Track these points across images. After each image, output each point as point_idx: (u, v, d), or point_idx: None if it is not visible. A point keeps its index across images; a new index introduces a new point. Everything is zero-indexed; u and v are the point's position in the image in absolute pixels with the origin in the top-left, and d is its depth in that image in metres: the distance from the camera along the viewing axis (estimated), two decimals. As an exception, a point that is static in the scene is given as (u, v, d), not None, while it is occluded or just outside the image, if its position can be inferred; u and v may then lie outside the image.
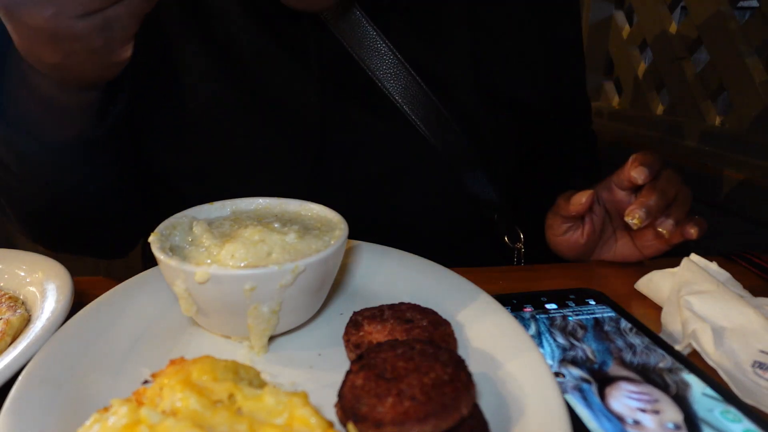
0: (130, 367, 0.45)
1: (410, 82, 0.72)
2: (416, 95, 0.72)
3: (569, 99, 0.90)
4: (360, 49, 0.70)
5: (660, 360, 0.49)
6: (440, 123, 0.74)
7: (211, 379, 0.35)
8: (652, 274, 0.63)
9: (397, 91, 0.72)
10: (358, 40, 0.70)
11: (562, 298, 0.61)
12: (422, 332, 0.45)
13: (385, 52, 0.70)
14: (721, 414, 0.42)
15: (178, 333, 0.51)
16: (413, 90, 0.72)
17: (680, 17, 1.51)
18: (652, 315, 0.59)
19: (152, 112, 0.73)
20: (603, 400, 0.44)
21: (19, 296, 0.58)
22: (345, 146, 0.74)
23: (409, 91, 0.72)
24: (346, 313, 0.52)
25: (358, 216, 0.60)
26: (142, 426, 0.31)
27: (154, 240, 0.47)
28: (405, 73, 0.71)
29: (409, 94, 0.72)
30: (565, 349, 0.51)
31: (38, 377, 0.41)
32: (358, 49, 0.70)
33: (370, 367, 0.39)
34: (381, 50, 0.70)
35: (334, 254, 0.47)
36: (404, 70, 0.71)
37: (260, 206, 0.58)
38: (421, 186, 0.77)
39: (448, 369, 0.38)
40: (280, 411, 0.34)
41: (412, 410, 0.34)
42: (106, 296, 0.52)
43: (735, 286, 0.61)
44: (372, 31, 0.70)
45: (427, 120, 0.73)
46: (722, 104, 1.38)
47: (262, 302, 0.44)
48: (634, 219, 0.63)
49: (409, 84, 0.72)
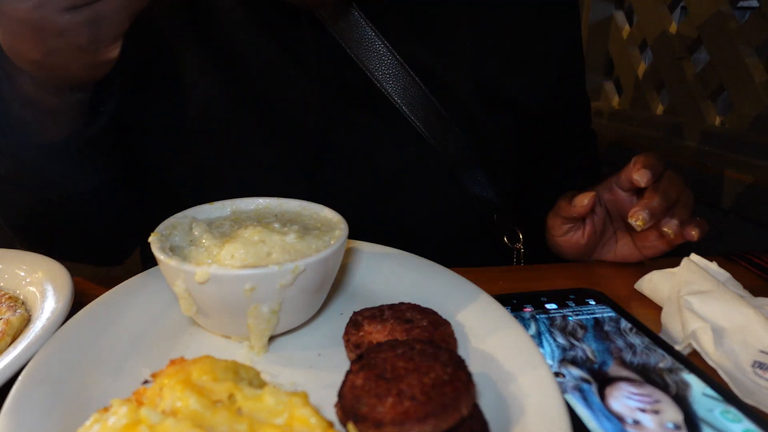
0: (130, 367, 0.45)
1: (409, 82, 0.72)
2: (416, 96, 0.72)
3: (569, 99, 0.90)
4: (359, 50, 0.70)
5: (660, 360, 0.49)
6: (440, 124, 0.74)
7: (211, 379, 0.35)
8: (652, 274, 0.63)
9: (397, 92, 0.72)
10: (356, 41, 0.70)
11: (562, 298, 0.61)
12: (422, 332, 0.45)
13: (384, 52, 0.70)
14: (721, 414, 0.42)
15: (178, 333, 0.51)
16: (413, 90, 0.72)
17: (680, 17, 1.51)
18: (652, 315, 0.59)
19: (151, 113, 0.72)
20: (603, 400, 0.44)
21: (19, 296, 0.58)
22: (345, 147, 0.74)
23: (409, 91, 0.72)
24: (346, 313, 0.52)
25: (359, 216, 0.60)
26: (142, 426, 0.31)
27: (154, 240, 0.47)
28: (404, 74, 0.71)
29: (409, 95, 0.72)
30: (565, 349, 0.51)
31: (38, 377, 0.41)
32: (357, 50, 0.70)
33: (370, 367, 0.39)
34: (380, 51, 0.70)
35: (334, 254, 0.47)
36: (403, 71, 0.71)
37: (260, 206, 0.58)
38: (421, 187, 0.77)
39: (448, 369, 0.38)
40: (280, 411, 0.34)
41: (412, 410, 0.34)
42: (106, 296, 0.52)
43: (735, 286, 0.61)
44: (371, 32, 0.70)
45: (426, 121, 0.73)
46: (722, 104, 1.38)
47: (262, 302, 0.44)
48: (638, 221, 0.63)
49: (409, 84, 0.72)
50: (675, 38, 1.44)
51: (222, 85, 0.71)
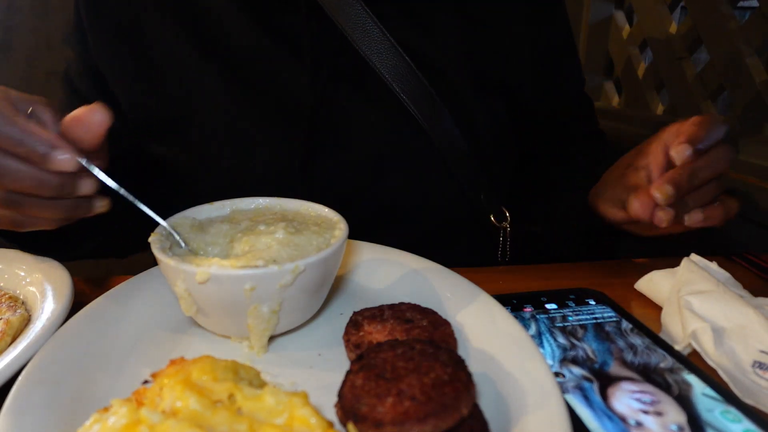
0: (130, 367, 0.45)
1: (403, 66, 0.72)
2: (407, 77, 0.73)
3: (564, 93, 0.91)
4: (353, 32, 0.71)
5: (660, 360, 0.49)
6: (431, 106, 0.74)
7: (211, 379, 0.35)
8: (652, 274, 0.63)
9: (390, 75, 0.72)
10: (351, 22, 0.71)
11: (562, 298, 0.61)
12: (422, 332, 0.45)
13: (377, 34, 0.71)
14: (721, 414, 0.42)
15: (178, 333, 0.51)
16: (406, 74, 0.73)
17: (680, 17, 1.51)
18: (652, 315, 0.59)
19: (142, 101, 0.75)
20: (605, 400, 0.44)
21: (19, 296, 0.58)
22: (337, 128, 0.75)
23: (402, 75, 0.72)
24: (346, 313, 0.52)
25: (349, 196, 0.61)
26: (142, 426, 0.31)
27: (154, 240, 0.47)
28: (397, 56, 0.72)
29: (400, 75, 0.73)
30: (566, 349, 0.51)
31: (38, 377, 0.41)
32: (351, 32, 0.71)
33: (370, 367, 0.39)
34: (373, 33, 0.71)
35: (334, 254, 0.47)
36: (397, 55, 0.72)
37: (260, 206, 0.58)
38: (411, 167, 0.78)
39: (448, 369, 0.38)
40: (280, 411, 0.34)
41: (412, 410, 0.34)
42: (106, 296, 0.52)
43: (735, 286, 0.61)
44: (364, 14, 0.71)
45: (418, 103, 0.74)
46: (722, 104, 1.37)
47: (262, 302, 0.44)
48: (662, 195, 0.57)
49: (402, 68, 0.72)
50: (675, 38, 1.43)
51: (212, 66, 0.73)
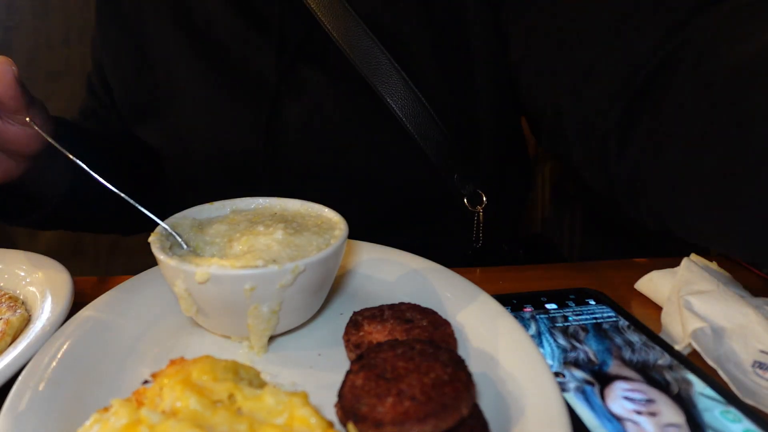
0: (130, 367, 0.45)
1: (364, 36, 0.72)
2: (370, 51, 0.72)
3: None
4: (323, 12, 0.72)
5: (660, 360, 0.49)
6: (396, 81, 0.73)
7: (211, 379, 0.35)
8: (652, 274, 0.63)
9: (352, 50, 0.72)
10: (324, 5, 0.72)
11: (562, 298, 0.61)
12: (422, 332, 0.45)
13: (340, 8, 0.72)
14: (721, 414, 0.42)
15: (178, 333, 0.51)
16: (367, 45, 0.72)
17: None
18: (652, 315, 0.59)
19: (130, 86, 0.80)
20: (603, 401, 0.44)
21: (19, 296, 0.58)
22: (300, 104, 0.76)
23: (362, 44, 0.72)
24: (346, 313, 0.52)
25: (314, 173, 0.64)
26: (142, 426, 0.31)
27: (154, 240, 0.47)
28: (360, 29, 0.72)
29: (362, 49, 0.72)
30: (566, 349, 0.51)
31: (38, 377, 0.41)
32: (323, 13, 0.72)
33: (370, 367, 0.39)
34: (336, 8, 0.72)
35: (334, 254, 0.47)
36: (360, 27, 0.72)
37: (260, 206, 0.58)
38: (377, 145, 0.78)
39: (448, 369, 0.38)
40: (280, 411, 0.34)
41: (412, 410, 0.34)
42: (106, 296, 0.52)
43: (735, 286, 0.61)
44: None
45: (382, 79, 0.73)
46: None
47: (262, 302, 0.44)
48: None
49: (363, 38, 0.72)
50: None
51: (193, 49, 0.77)
